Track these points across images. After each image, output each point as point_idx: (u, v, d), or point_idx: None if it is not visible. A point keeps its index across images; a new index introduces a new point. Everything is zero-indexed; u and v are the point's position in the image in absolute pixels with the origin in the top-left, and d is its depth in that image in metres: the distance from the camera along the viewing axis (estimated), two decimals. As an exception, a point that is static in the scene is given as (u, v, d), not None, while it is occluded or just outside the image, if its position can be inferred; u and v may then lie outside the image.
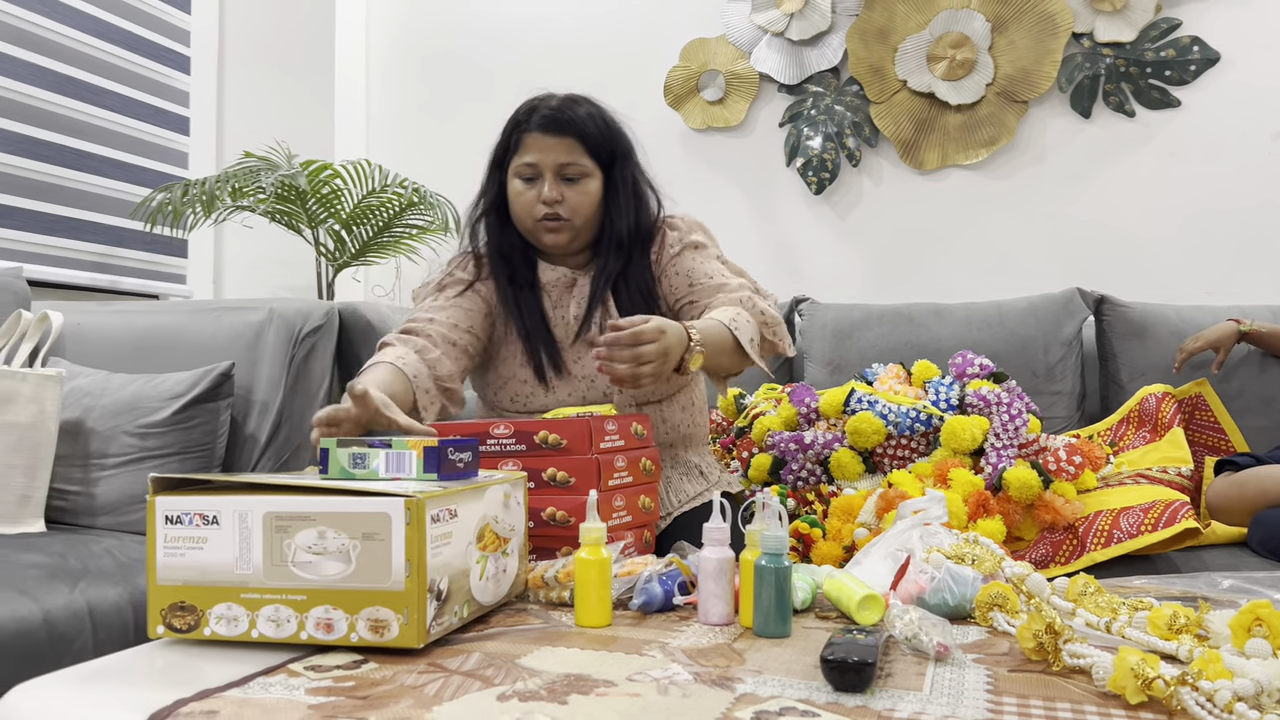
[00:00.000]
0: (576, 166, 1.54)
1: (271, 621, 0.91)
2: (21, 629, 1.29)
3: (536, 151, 1.53)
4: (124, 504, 1.73)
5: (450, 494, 0.95)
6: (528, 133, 1.54)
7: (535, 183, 1.54)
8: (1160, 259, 2.68)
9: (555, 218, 1.54)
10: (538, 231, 1.56)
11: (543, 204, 1.53)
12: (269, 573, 0.91)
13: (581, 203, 1.54)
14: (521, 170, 1.55)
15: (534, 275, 1.61)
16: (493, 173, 1.62)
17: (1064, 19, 2.72)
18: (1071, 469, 1.75)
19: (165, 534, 0.94)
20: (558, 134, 1.53)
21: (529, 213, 1.55)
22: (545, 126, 1.53)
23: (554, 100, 1.56)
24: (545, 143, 1.53)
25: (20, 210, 2.47)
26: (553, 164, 1.53)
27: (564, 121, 1.53)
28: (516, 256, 1.60)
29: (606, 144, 1.56)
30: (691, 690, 0.81)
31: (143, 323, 2.03)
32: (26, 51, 2.48)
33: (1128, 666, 0.78)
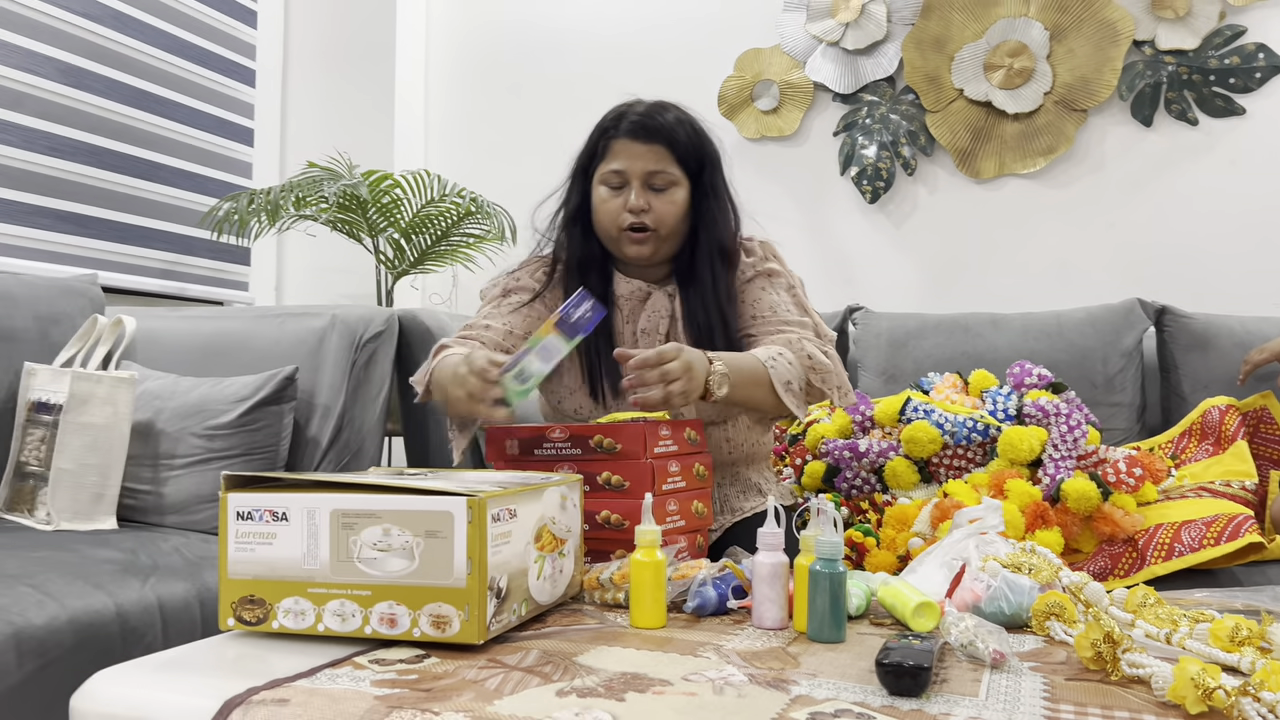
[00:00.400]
0: (664, 175, 1.50)
1: (337, 616, 0.94)
2: (95, 621, 1.33)
3: (624, 159, 1.50)
4: (191, 503, 1.78)
5: (510, 494, 0.97)
6: (615, 139, 1.51)
7: (621, 191, 1.51)
8: (1224, 269, 2.63)
9: (641, 228, 1.50)
10: (622, 241, 1.53)
11: (629, 212, 1.50)
12: (335, 568, 0.94)
13: (668, 212, 1.51)
14: (608, 178, 1.52)
15: (607, 289, 1.57)
16: (576, 180, 1.58)
17: (1124, 26, 2.68)
18: (1131, 481, 1.72)
19: (236, 530, 0.98)
20: (646, 141, 1.49)
21: (614, 221, 1.51)
22: (634, 133, 1.50)
23: (642, 106, 1.53)
24: (633, 149, 1.49)
25: (96, 219, 2.55)
26: (640, 172, 1.50)
27: (653, 128, 1.49)
28: (594, 269, 1.57)
29: (695, 152, 1.53)
30: (747, 691, 0.82)
31: (210, 328, 2.09)
32: (103, 66, 2.57)
33: (1188, 676, 0.78)
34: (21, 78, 2.37)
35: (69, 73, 2.49)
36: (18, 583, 1.32)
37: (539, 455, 1.31)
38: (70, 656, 1.28)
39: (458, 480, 1.02)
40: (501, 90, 3.40)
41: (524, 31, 3.38)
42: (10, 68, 2.35)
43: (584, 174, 1.57)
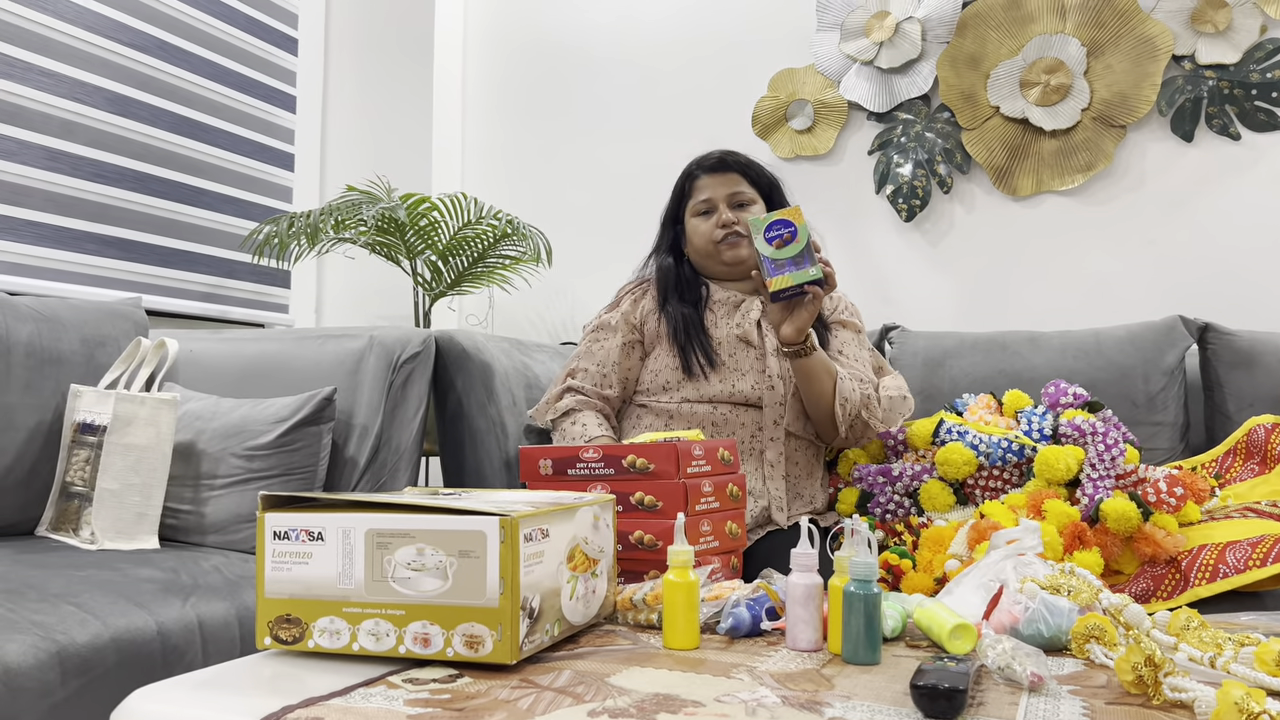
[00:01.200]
0: (744, 194, 1.89)
1: (372, 635, 0.95)
2: (137, 639, 1.35)
3: (709, 189, 1.89)
4: (231, 523, 1.80)
5: (543, 514, 0.98)
6: (699, 178, 1.91)
7: (711, 215, 1.88)
8: (1268, 285, 2.58)
9: (734, 234, 1.85)
10: (719, 252, 1.87)
11: (720, 227, 1.85)
12: (370, 588, 0.95)
13: None
14: (698, 208, 1.89)
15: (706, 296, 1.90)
16: (666, 228, 1.97)
17: (1163, 41, 2.66)
18: (1173, 501, 1.69)
19: (274, 549, 0.99)
20: (724, 171, 1.90)
21: (709, 238, 1.87)
22: (714, 168, 1.90)
23: (715, 152, 1.92)
24: (715, 180, 1.89)
25: (141, 244, 2.61)
26: (724, 195, 1.88)
27: (728, 161, 1.90)
28: (688, 286, 1.91)
29: (764, 177, 1.93)
30: (780, 713, 0.82)
31: (250, 350, 2.12)
32: (149, 95, 2.63)
33: (1232, 701, 0.76)
34: (71, 106, 2.44)
35: (116, 101, 2.55)
36: (62, 601, 1.35)
37: (573, 475, 1.31)
38: (112, 674, 1.29)
39: (491, 500, 1.03)
40: (537, 114, 3.43)
41: (559, 55, 3.42)
42: (60, 97, 2.41)
43: (673, 221, 1.96)
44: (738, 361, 1.82)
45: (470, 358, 2.11)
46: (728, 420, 1.80)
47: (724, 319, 1.87)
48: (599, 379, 1.89)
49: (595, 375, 1.89)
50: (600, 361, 1.89)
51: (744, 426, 1.80)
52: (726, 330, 1.85)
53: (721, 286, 1.92)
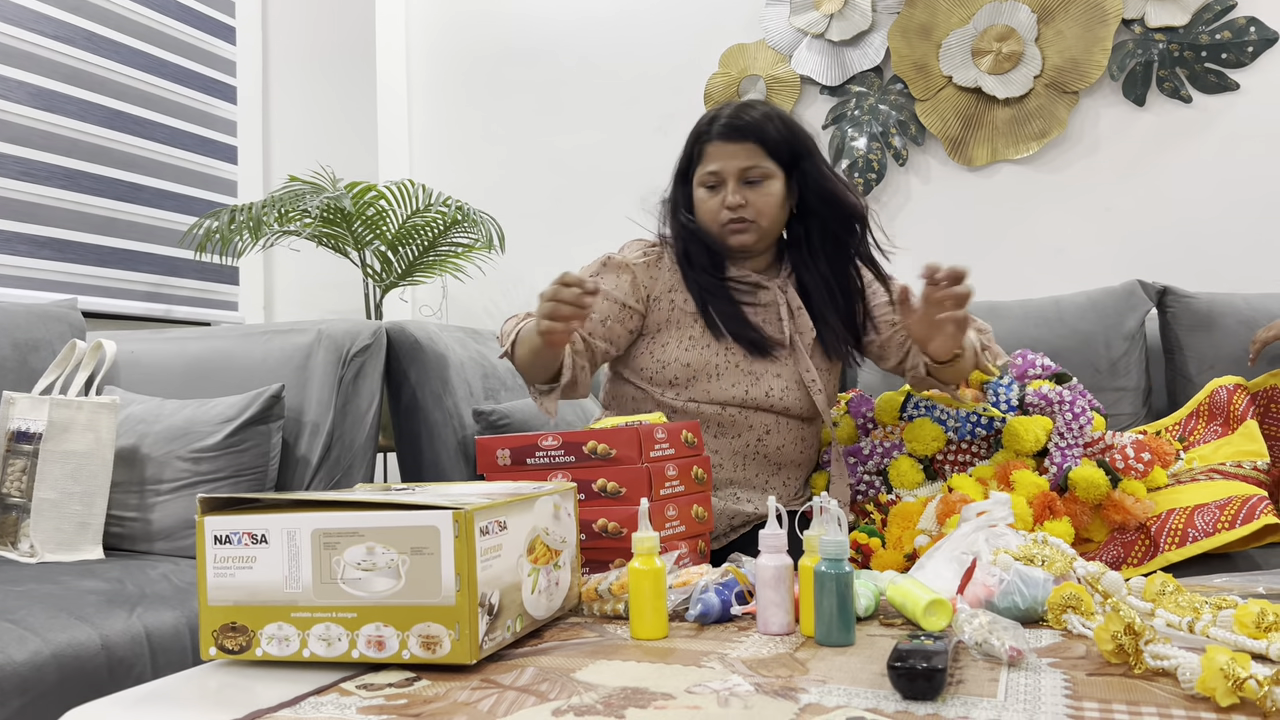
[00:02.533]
0: (758, 169, 1.59)
1: (323, 640, 0.90)
2: (81, 654, 1.29)
3: (718, 159, 1.60)
4: (180, 529, 1.73)
5: (499, 506, 0.93)
6: (709, 142, 1.61)
7: (718, 190, 1.61)
8: (1225, 247, 2.59)
9: (740, 220, 1.60)
10: (723, 236, 1.63)
11: (726, 209, 1.60)
12: (319, 590, 0.90)
13: (765, 204, 1.60)
14: (705, 179, 1.62)
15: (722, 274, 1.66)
16: (678, 185, 1.70)
17: (1113, 5, 2.65)
18: (1140, 466, 1.68)
19: (215, 554, 0.93)
20: (738, 140, 1.59)
21: (714, 219, 1.62)
22: (725, 134, 1.59)
23: (731, 107, 1.63)
24: (726, 150, 1.59)
25: (74, 243, 2.51)
26: (734, 170, 1.59)
27: (743, 127, 1.59)
28: (705, 256, 1.65)
29: (787, 144, 1.61)
30: (754, 702, 0.78)
31: (194, 349, 2.05)
32: (78, 89, 2.53)
33: (1217, 666, 0.74)
34: (-5, 103, 2.34)
35: (41, 96, 2.45)
36: (-2, 618, 1.28)
37: (532, 464, 1.27)
38: (55, 692, 1.23)
39: (444, 494, 0.98)
40: (485, 96, 3.37)
41: (505, 36, 3.35)
42: (-17, 93, 2.31)
43: (684, 177, 1.69)
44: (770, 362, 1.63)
45: (423, 349, 2.05)
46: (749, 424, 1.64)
47: (744, 303, 1.65)
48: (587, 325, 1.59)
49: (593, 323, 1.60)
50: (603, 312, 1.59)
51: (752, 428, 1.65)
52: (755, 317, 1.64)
53: (735, 265, 1.68)
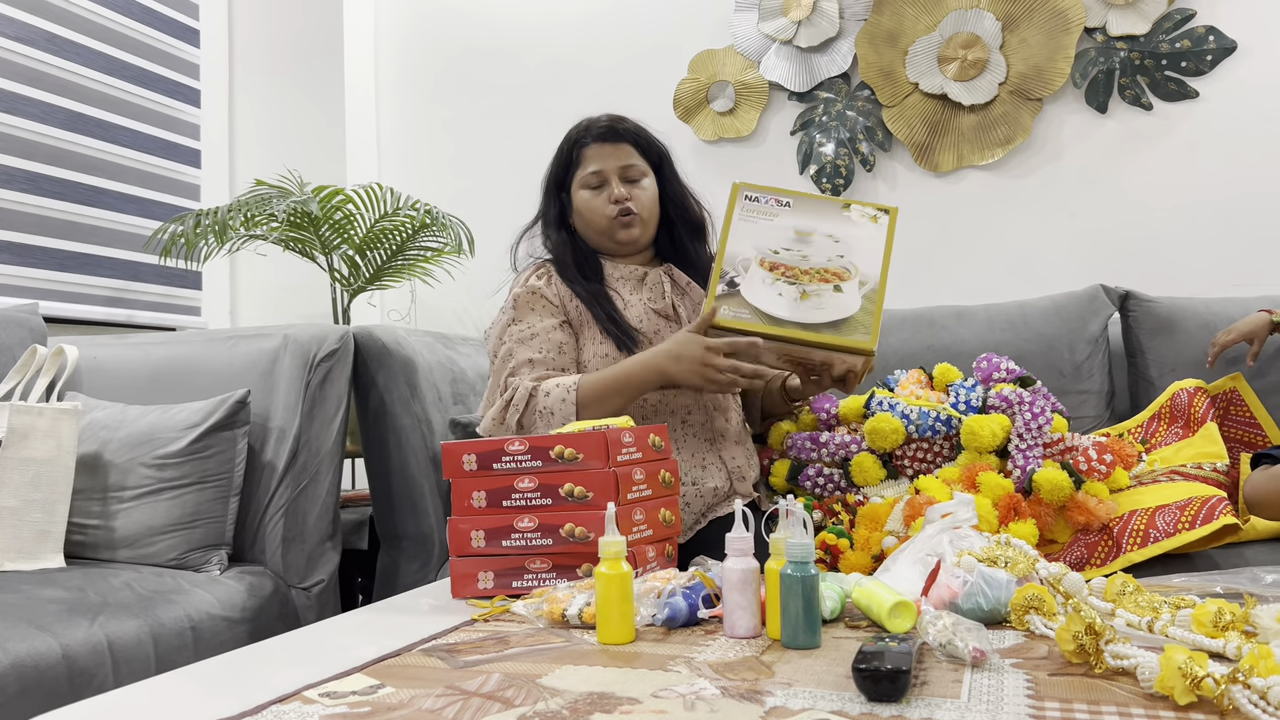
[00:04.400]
0: (636, 168, 1.71)
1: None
2: (41, 664, 1.27)
3: (599, 160, 1.70)
4: (144, 536, 1.71)
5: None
6: (587, 146, 1.71)
7: (602, 189, 1.70)
8: (1185, 252, 2.63)
9: (628, 213, 1.68)
10: (613, 230, 1.69)
11: (614, 203, 1.68)
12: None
13: (645, 198, 1.71)
14: (588, 180, 1.70)
15: (602, 279, 1.74)
16: (551, 195, 1.77)
17: (1075, 14, 2.69)
18: (1103, 468, 1.70)
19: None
20: (615, 141, 1.71)
21: (603, 214, 1.69)
22: (603, 137, 1.71)
23: (603, 117, 1.75)
24: (605, 150, 1.70)
25: (35, 248, 2.48)
26: (615, 168, 1.69)
27: (618, 130, 1.72)
28: (586, 264, 1.73)
29: (654, 147, 1.76)
30: (719, 705, 0.78)
31: (158, 354, 2.02)
32: (38, 90, 2.50)
33: (1175, 665, 0.75)
34: (-47, 105, 2.30)
35: (1, 99, 2.41)
36: (-45, 628, 1.26)
37: (498, 469, 1.27)
38: (14, 703, 1.22)
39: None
40: (453, 100, 3.35)
41: (473, 41, 3.34)
42: (-59, 95, 2.28)
43: (559, 187, 1.76)
44: (661, 339, 1.65)
45: (391, 353, 2.04)
46: (665, 402, 1.67)
47: (632, 295, 1.71)
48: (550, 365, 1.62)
49: (546, 363, 1.62)
50: (543, 347, 1.63)
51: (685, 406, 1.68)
52: (641, 307, 1.69)
53: (615, 264, 1.74)
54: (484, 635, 1.05)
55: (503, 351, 1.63)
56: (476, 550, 1.26)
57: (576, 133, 1.74)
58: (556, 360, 1.62)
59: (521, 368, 1.59)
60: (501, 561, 1.25)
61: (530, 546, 1.24)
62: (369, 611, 1.26)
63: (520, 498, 1.25)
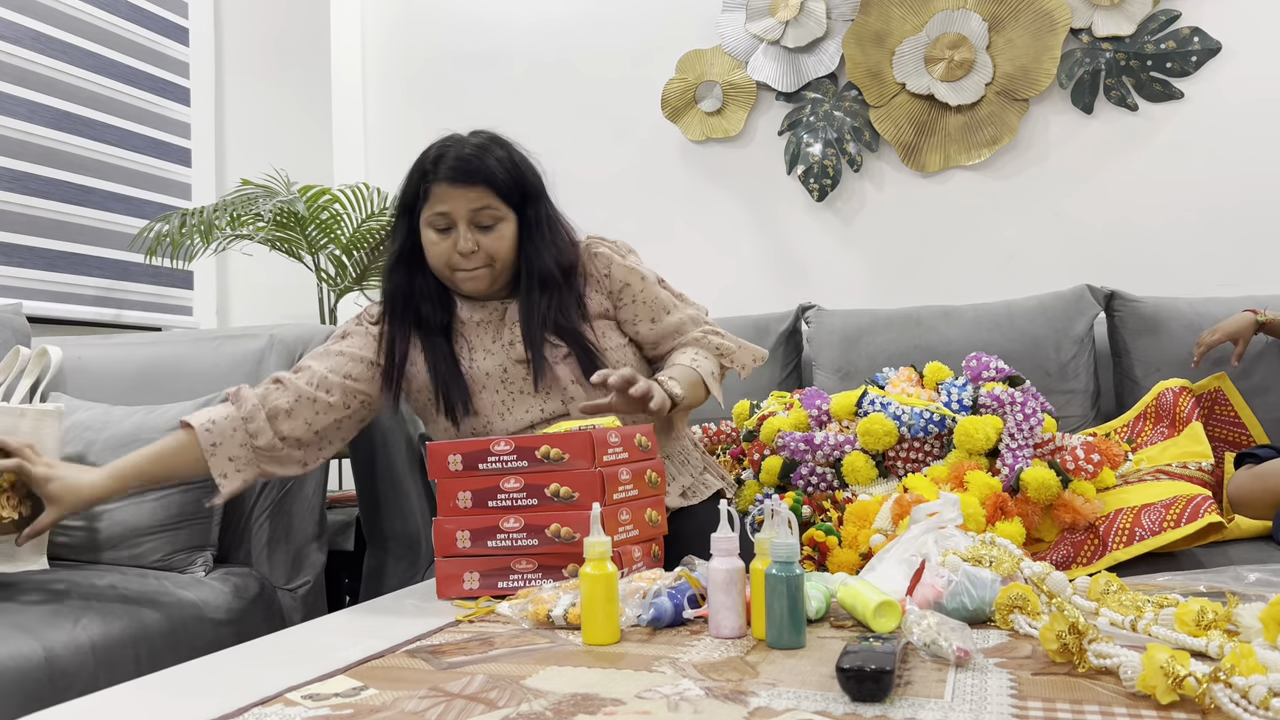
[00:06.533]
0: (490, 212, 1.51)
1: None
2: (23, 666, 1.26)
3: (447, 202, 1.50)
4: (128, 538, 1.70)
5: None
6: (436, 183, 1.51)
7: (449, 233, 1.52)
8: (1170, 252, 2.64)
9: (474, 267, 1.52)
10: (456, 280, 1.55)
11: (459, 254, 1.51)
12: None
13: (499, 247, 1.52)
14: (434, 220, 1.52)
15: (449, 316, 1.59)
16: (401, 219, 1.58)
17: (1061, 15, 2.69)
18: (1090, 468, 1.71)
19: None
20: (467, 183, 1.49)
21: (445, 262, 1.53)
22: (453, 176, 1.50)
23: (459, 147, 1.53)
24: (455, 193, 1.50)
25: (21, 247, 2.46)
26: (465, 213, 1.50)
27: (472, 170, 1.50)
28: (430, 301, 1.58)
29: (517, 187, 1.53)
30: (703, 706, 0.78)
31: (144, 354, 2.01)
32: (25, 89, 2.49)
33: (1157, 665, 0.75)
34: (-63, 104, 2.29)
35: (-12, 97, 2.40)
36: (-64, 631, 1.25)
37: (484, 469, 1.26)
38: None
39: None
40: (440, 100, 3.35)
41: (460, 40, 3.34)
42: (-76, 94, 2.26)
43: (409, 213, 1.57)
44: (512, 389, 1.54)
45: (378, 353, 2.03)
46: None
47: (488, 345, 1.57)
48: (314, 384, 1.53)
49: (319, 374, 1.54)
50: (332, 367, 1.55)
51: None
52: (493, 361, 1.55)
53: (471, 305, 1.59)
54: (468, 636, 1.05)
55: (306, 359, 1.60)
56: (462, 551, 1.26)
57: (428, 163, 1.54)
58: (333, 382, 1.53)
59: (303, 370, 1.55)
60: (487, 562, 1.25)
61: (516, 547, 1.24)
62: (353, 613, 1.26)
63: (506, 498, 1.25)
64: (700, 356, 1.57)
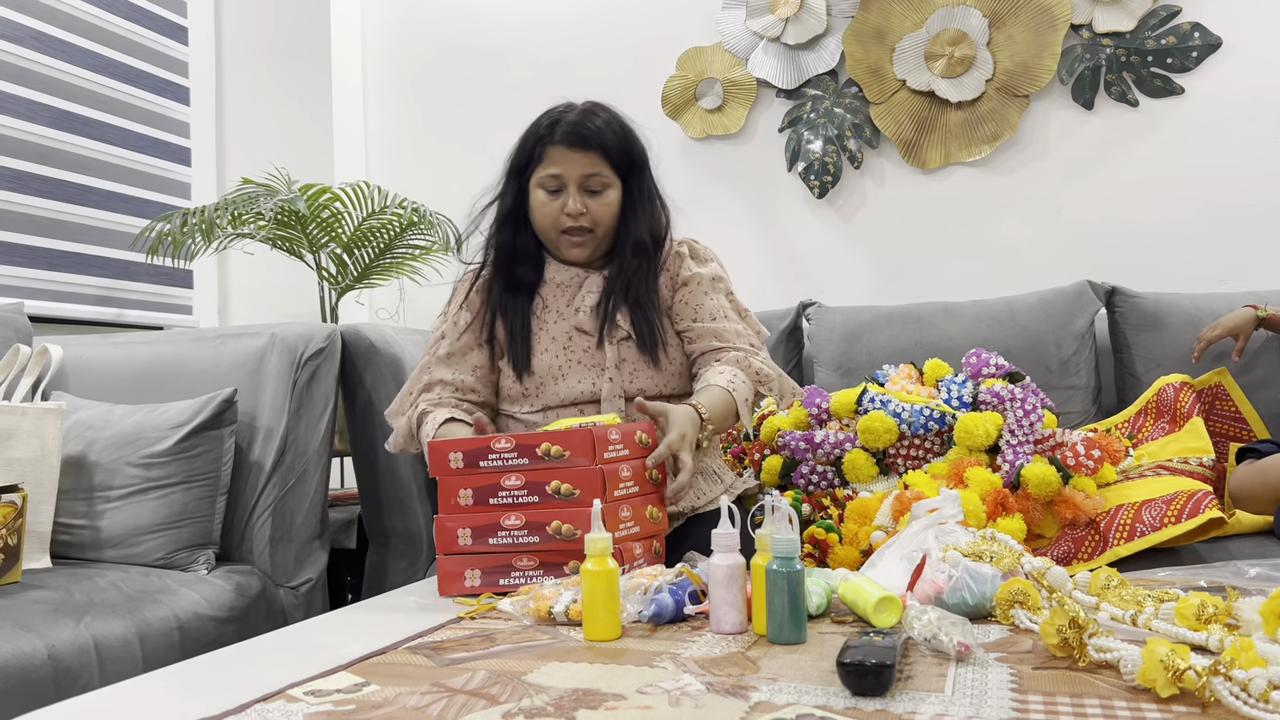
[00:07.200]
0: (599, 178, 1.58)
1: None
2: (26, 664, 1.27)
3: (560, 164, 1.58)
4: (130, 536, 1.70)
5: None
6: (551, 145, 1.58)
7: (559, 195, 1.59)
8: (1171, 248, 2.64)
9: (580, 230, 1.59)
10: (561, 244, 1.62)
11: (567, 215, 1.58)
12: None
13: (604, 213, 1.60)
14: (545, 182, 1.59)
15: (539, 277, 1.66)
16: (510, 180, 1.66)
17: (1062, 11, 2.69)
18: (1090, 463, 1.71)
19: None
20: (581, 148, 1.57)
21: (553, 224, 1.60)
22: (569, 140, 1.57)
23: (575, 112, 1.60)
24: (569, 156, 1.57)
25: (22, 246, 2.46)
26: (576, 176, 1.58)
27: (587, 135, 1.57)
28: (528, 261, 1.66)
29: (626, 155, 1.61)
30: (704, 701, 0.78)
31: (145, 353, 2.01)
32: (25, 89, 2.49)
33: (1157, 658, 0.75)
34: (-63, 103, 2.29)
35: (-12, 97, 2.40)
36: (-61, 629, 1.26)
37: (485, 467, 1.26)
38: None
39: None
40: (441, 98, 3.35)
41: (461, 38, 3.33)
42: (-75, 93, 2.26)
43: (519, 174, 1.65)
44: (570, 358, 1.60)
45: (379, 352, 2.03)
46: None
47: (562, 307, 1.64)
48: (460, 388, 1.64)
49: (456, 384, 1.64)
50: (458, 369, 1.64)
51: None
52: (561, 326, 1.62)
53: (558, 266, 1.66)
54: (470, 633, 1.05)
55: (424, 362, 1.69)
56: (464, 548, 1.26)
57: (543, 127, 1.61)
58: (468, 382, 1.64)
59: (435, 385, 1.64)
60: (488, 560, 1.25)
61: (517, 544, 1.24)
62: (355, 610, 1.26)
63: (507, 495, 1.25)
64: (738, 380, 1.55)
